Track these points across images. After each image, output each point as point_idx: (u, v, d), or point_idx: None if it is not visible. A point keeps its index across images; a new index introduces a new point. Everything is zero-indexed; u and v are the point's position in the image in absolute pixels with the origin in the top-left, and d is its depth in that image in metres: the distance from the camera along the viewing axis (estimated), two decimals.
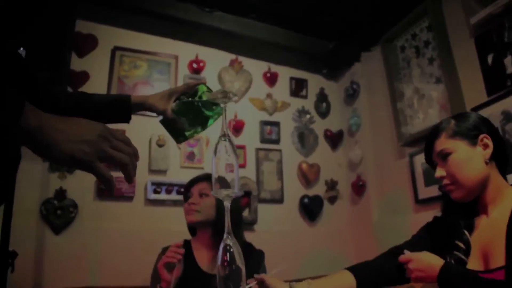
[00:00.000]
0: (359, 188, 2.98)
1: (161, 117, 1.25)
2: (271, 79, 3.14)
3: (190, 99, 1.24)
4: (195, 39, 2.91)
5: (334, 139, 3.24)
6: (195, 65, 2.89)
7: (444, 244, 1.24)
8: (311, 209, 2.97)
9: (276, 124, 3.07)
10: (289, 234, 2.84)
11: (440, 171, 1.25)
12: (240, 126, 2.92)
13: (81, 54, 2.61)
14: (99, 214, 2.39)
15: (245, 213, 2.75)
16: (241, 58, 3.06)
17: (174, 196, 2.58)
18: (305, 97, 3.26)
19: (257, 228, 2.76)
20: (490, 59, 2.09)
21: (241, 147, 2.87)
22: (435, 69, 2.44)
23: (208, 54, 2.95)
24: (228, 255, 0.90)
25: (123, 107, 1.18)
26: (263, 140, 3.00)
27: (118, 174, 0.75)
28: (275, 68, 3.18)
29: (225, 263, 0.90)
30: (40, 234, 2.26)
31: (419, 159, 2.49)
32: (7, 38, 0.88)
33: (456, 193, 1.22)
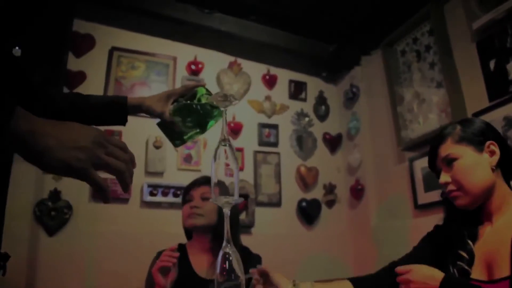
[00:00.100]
0: (357, 192, 2.95)
1: (158, 119, 1.23)
2: (270, 81, 3.12)
3: (189, 101, 1.22)
4: (194, 40, 2.88)
5: (333, 142, 3.21)
6: (193, 66, 2.86)
7: (446, 254, 1.21)
8: (309, 213, 2.94)
9: (275, 127, 3.04)
10: (287, 238, 2.81)
11: (445, 177, 1.22)
12: (238, 128, 2.89)
13: (78, 54, 2.58)
14: (94, 216, 2.35)
15: (242, 216, 2.72)
16: (240, 60, 3.03)
17: (171, 199, 2.55)
18: (304, 100, 3.23)
19: (254, 232, 2.74)
20: (492, 64, 2.08)
21: (239, 150, 2.85)
22: (436, 73, 2.42)
23: (207, 56, 2.92)
24: (227, 264, 0.88)
25: (119, 109, 1.16)
26: (261, 142, 2.98)
27: (113, 176, 0.71)
28: (274, 70, 3.15)
29: (224, 271, 0.87)
30: (34, 235, 2.23)
31: (419, 164, 2.47)
32: (6, 38, 0.86)
33: (461, 200, 1.20)
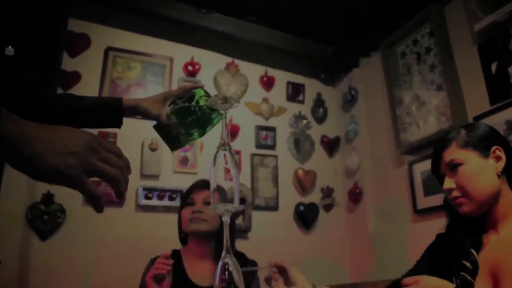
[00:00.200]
0: (355, 196, 2.92)
1: (155, 122, 1.18)
2: (267, 83, 3.08)
3: (186, 103, 1.17)
4: (191, 40, 2.84)
5: (331, 145, 3.17)
6: (190, 67, 2.81)
7: (449, 265, 1.17)
8: (306, 217, 2.89)
9: (272, 129, 3.00)
10: (284, 242, 2.77)
11: (449, 183, 1.19)
12: (235, 130, 2.85)
13: (73, 54, 2.53)
14: (88, 220, 2.30)
15: (239, 220, 2.67)
16: (237, 61, 2.99)
17: (166, 202, 2.50)
18: (302, 102, 3.20)
19: (251, 236, 2.69)
20: (493, 67, 2.05)
21: (236, 152, 2.80)
22: (436, 76, 2.38)
23: (204, 57, 2.87)
24: (226, 274, 0.84)
25: (114, 111, 1.11)
26: (259, 145, 2.93)
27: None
28: (272, 72, 3.11)
29: (223, 282, 0.83)
30: (26, 240, 2.17)
31: (419, 167, 2.44)
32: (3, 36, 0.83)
33: (465, 206, 1.16)
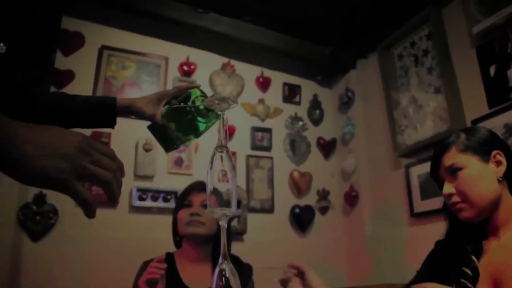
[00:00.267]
0: (351, 199, 2.90)
1: (149, 122, 1.15)
2: (263, 84, 3.05)
3: (182, 104, 1.14)
4: (187, 40, 2.80)
5: (327, 147, 3.15)
6: (185, 67, 2.78)
7: (449, 272, 1.15)
8: (302, 219, 2.87)
9: (268, 131, 2.98)
10: (279, 245, 2.74)
11: (449, 188, 1.17)
12: (231, 131, 2.82)
13: (67, 53, 2.49)
14: (81, 221, 2.25)
15: (234, 222, 2.64)
16: (233, 62, 2.96)
17: (161, 204, 2.47)
18: (298, 103, 3.17)
19: (246, 238, 2.66)
20: (492, 70, 2.03)
21: (231, 154, 2.77)
22: (434, 78, 2.37)
23: (199, 57, 2.84)
24: (223, 281, 0.81)
25: (108, 110, 1.08)
26: (254, 146, 2.90)
27: None
28: (268, 73, 3.09)
29: None
30: (17, 241, 2.14)
31: (416, 170, 2.42)
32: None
33: (466, 212, 1.14)
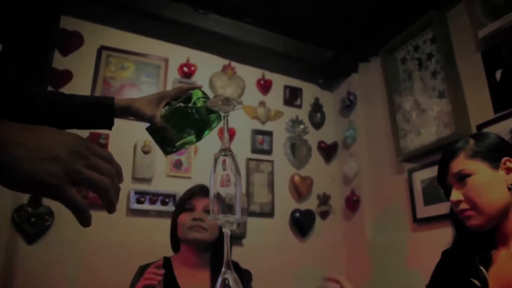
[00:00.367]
0: (353, 204, 2.85)
1: (148, 124, 1.11)
2: (264, 86, 3.01)
3: (183, 105, 1.10)
4: (187, 41, 2.77)
5: (328, 151, 3.11)
6: (186, 69, 2.74)
7: (456, 282, 1.11)
8: (302, 224, 2.82)
9: (269, 134, 2.93)
10: (279, 249, 2.70)
11: (456, 195, 1.13)
12: (231, 134, 2.77)
13: (65, 52, 2.45)
14: (77, 224, 2.13)
15: (233, 226, 2.60)
16: (234, 64, 2.93)
17: (159, 207, 2.43)
18: (299, 106, 3.13)
19: (245, 243, 2.62)
20: (498, 74, 2.00)
21: None
22: (438, 82, 2.33)
23: (200, 58, 2.80)
24: None
25: (105, 111, 1.03)
26: (255, 150, 2.86)
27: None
28: (269, 75, 3.05)
29: None
30: (12, 243, 2.09)
31: (419, 175, 2.38)
32: None
33: (474, 220, 1.10)
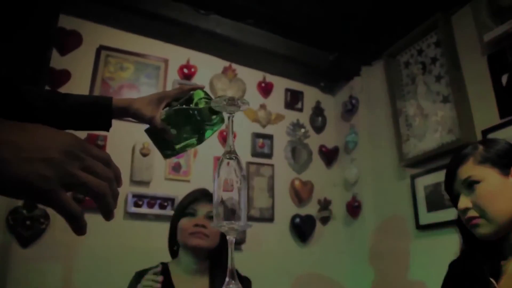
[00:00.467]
0: (354, 209, 2.81)
1: (147, 125, 1.07)
2: (265, 89, 2.97)
3: (184, 106, 1.06)
4: (188, 42, 2.73)
5: (329, 155, 3.07)
6: (186, 70, 2.70)
7: None
8: (303, 229, 2.77)
9: (269, 137, 2.89)
10: (279, 255, 2.66)
11: (465, 202, 1.09)
12: None
13: (64, 52, 2.41)
14: None
15: None
16: (235, 66, 2.89)
17: (157, 210, 2.38)
18: (301, 110, 3.09)
19: (244, 248, 2.57)
20: (504, 79, 1.96)
21: None
22: (442, 87, 2.29)
23: (200, 59, 2.77)
24: None
25: (103, 111, 0.98)
26: (255, 153, 2.82)
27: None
28: (270, 78, 3.01)
29: None
30: (6, 247, 2.04)
31: (422, 181, 2.34)
32: None
33: (483, 228, 1.06)
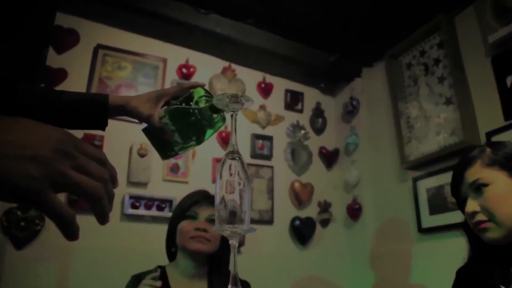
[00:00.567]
0: (354, 212, 2.77)
1: (145, 124, 1.02)
2: (265, 90, 2.94)
3: (184, 104, 1.02)
4: (187, 42, 2.69)
5: (329, 157, 3.03)
6: (184, 70, 2.66)
7: None
8: (302, 232, 2.73)
9: (269, 139, 2.85)
10: (278, 258, 2.62)
11: (473, 205, 1.06)
12: (228, 138, 2.70)
13: (60, 50, 2.37)
14: None
15: None
16: (234, 66, 2.85)
17: (154, 212, 2.33)
18: (301, 111, 3.06)
19: (243, 251, 2.53)
20: (509, 81, 1.93)
21: None
22: (445, 89, 2.26)
23: (199, 59, 2.73)
24: None
25: (98, 109, 0.94)
26: (254, 155, 2.78)
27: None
28: (270, 78, 2.97)
29: None
30: None
31: (424, 184, 2.30)
32: None
33: (491, 232, 1.03)
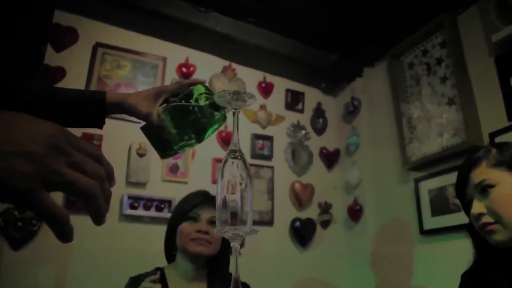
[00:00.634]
0: (355, 213, 2.74)
1: (143, 123, 1.00)
2: (266, 89, 2.91)
3: (183, 102, 0.99)
4: (187, 40, 2.67)
5: (330, 158, 3.01)
6: (184, 69, 2.64)
7: None
8: (303, 233, 2.71)
9: (269, 139, 2.83)
10: (278, 259, 2.59)
11: (479, 207, 1.03)
12: (229, 138, 2.67)
13: (59, 48, 2.34)
14: None
15: None
16: (235, 65, 2.83)
17: (153, 213, 2.31)
18: (301, 111, 3.03)
19: (243, 252, 2.49)
20: None
21: None
22: (447, 88, 2.24)
23: (199, 58, 2.70)
24: None
25: (95, 107, 0.91)
26: (254, 155, 2.75)
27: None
28: (270, 78, 2.95)
29: None
30: None
31: (426, 185, 2.28)
32: None
33: (498, 235, 1.01)
